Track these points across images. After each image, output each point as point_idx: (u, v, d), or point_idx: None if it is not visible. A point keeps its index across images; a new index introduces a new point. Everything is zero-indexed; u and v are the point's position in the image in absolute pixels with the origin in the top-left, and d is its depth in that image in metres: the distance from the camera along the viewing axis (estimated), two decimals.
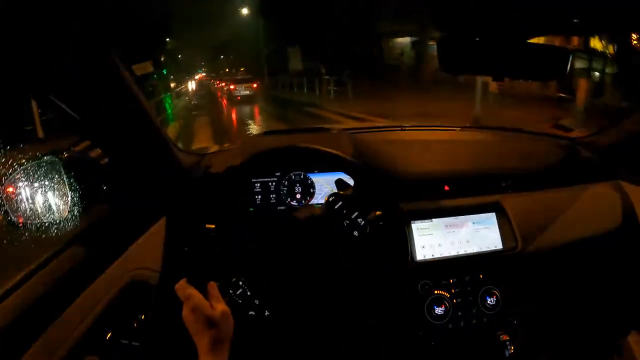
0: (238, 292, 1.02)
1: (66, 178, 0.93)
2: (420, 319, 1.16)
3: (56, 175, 0.93)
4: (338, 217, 1.05)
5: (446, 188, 1.28)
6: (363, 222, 1.05)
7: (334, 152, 1.14)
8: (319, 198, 1.29)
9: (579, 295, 1.26)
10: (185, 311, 0.80)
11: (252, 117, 12.83)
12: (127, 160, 1.03)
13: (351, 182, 1.21)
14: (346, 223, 1.05)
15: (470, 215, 1.25)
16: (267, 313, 1.05)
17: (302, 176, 1.28)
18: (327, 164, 1.25)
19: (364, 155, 1.25)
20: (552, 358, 1.21)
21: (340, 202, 1.04)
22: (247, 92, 15.88)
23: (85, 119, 0.86)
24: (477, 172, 1.33)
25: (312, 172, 1.28)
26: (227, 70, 45.27)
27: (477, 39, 0.95)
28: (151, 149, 1.06)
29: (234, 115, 13.59)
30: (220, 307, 0.82)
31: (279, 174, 1.27)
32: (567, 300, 1.25)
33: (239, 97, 15.78)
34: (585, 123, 6.41)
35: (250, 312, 0.96)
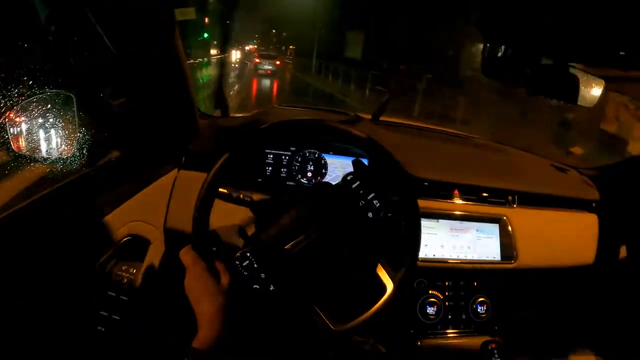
0: (245, 264, 0.99)
1: (78, 115, 0.87)
2: (412, 317, 1.17)
3: (69, 111, 0.87)
4: (354, 196, 1.01)
5: (456, 192, 1.27)
6: (379, 204, 1.01)
7: (360, 133, 1.11)
8: (330, 179, 1.26)
9: (567, 311, 1.29)
10: (188, 278, 0.75)
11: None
12: (148, 107, 0.98)
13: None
14: (362, 203, 1.01)
15: (475, 223, 1.25)
16: (272, 288, 1.02)
17: (316, 155, 1.25)
18: (347, 144, 1.22)
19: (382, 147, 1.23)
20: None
21: (358, 182, 1.02)
22: (270, 67, 18.43)
23: (121, 53, 0.80)
24: (488, 183, 1.33)
25: (327, 152, 1.25)
26: (277, 46, 42.60)
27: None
28: (175, 101, 1.01)
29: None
30: (226, 276, 0.79)
31: (293, 149, 1.24)
32: (557, 315, 1.28)
33: (261, 71, 18.31)
34: None
35: (255, 286, 0.93)
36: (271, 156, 1.23)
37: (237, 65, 20.32)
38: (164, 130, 1.04)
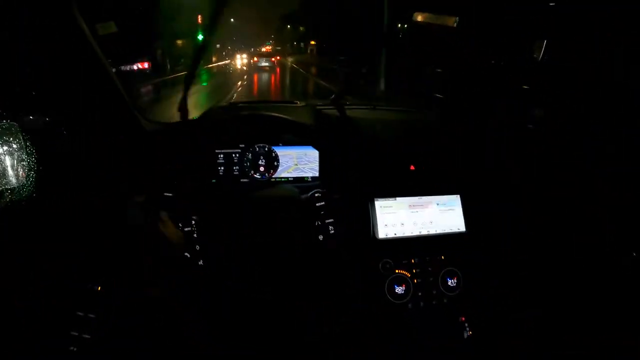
0: (186, 229, 1.05)
1: (24, 144, 0.89)
2: (381, 298, 1.14)
3: (14, 141, 0.88)
4: (313, 214, 1.14)
5: (412, 168, 1.26)
6: (333, 231, 1.13)
7: (301, 121, 1.12)
8: (282, 170, 1.26)
9: (537, 278, 1.26)
10: None
11: None
12: (85, 124, 0.99)
13: (316, 157, 1.20)
14: (318, 224, 1.12)
15: (435, 197, 1.24)
16: (200, 262, 1.07)
17: (266, 149, 1.25)
18: (293, 135, 1.24)
19: (330, 129, 1.24)
20: (510, 340, 1.20)
21: (323, 202, 1.13)
22: (267, 64, 21.16)
23: (45, 74, 0.83)
24: (442, 152, 1.32)
25: (277, 145, 1.25)
26: (294, 43, 37.73)
27: None
28: (111, 113, 1.03)
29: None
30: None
31: (243, 145, 1.24)
32: (526, 283, 1.24)
33: (260, 66, 21.11)
34: None
35: (186, 254, 0.95)
36: (221, 155, 1.23)
37: (245, 69, 21.26)
38: (106, 141, 1.05)
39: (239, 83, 13.80)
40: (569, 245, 1.25)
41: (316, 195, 1.12)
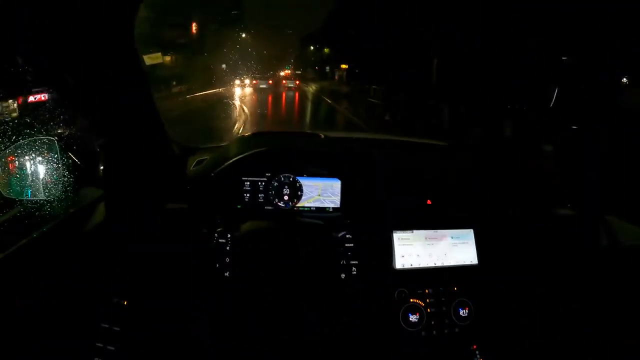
0: (220, 240, 1.14)
1: (62, 159, 0.95)
2: (395, 326, 1.20)
3: (52, 155, 0.95)
4: (340, 254, 1.21)
5: (429, 202, 1.33)
6: (355, 272, 1.21)
7: (325, 153, 1.20)
8: (305, 199, 1.33)
9: (549, 311, 1.31)
10: None
11: None
12: (126, 146, 1.06)
13: (339, 188, 1.27)
14: (343, 263, 1.20)
15: (450, 230, 1.30)
16: (227, 274, 1.16)
17: (291, 179, 1.32)
18: (317, 167, 1.31)
19: (354, 162, 1.31)
20: None
21: (352, 245, 1.21)
22: (264, 85, 21.47)
23: (96, 99, 0.90)
24: (458, 189, 1.39)
25: (301, 175, 1.32)
26: (316, 68, 33.36)
27: None
28: (150, 138, 1.10)
29: None
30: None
31: (269, 174, 1.31)
32: (538, 315, 1.30)
33: (259, 86, 21.21)
34: None
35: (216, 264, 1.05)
36: (248, 183, 1.30)
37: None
38: (143, 164, 1.12)
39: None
40: (579, 277, 1.31)
41: (347, 236, 1.19)
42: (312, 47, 38.36)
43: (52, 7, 0.73)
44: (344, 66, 24.76)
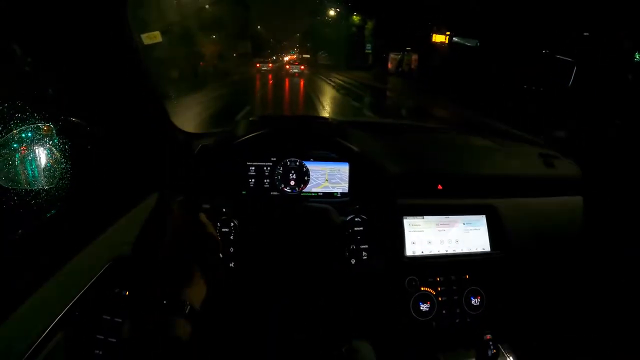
0: (224, 229, 1.08)
1: (58, 146, 0.91)
2: (406, 315, 1.17)
3: (49, 142, 0.91)
4: (349, 238, 1.17)
5: (439, 187, 1.28)
6: (365, 257, 1.17)
7: (335, 138, 1.14)
8: (312, 186, 1.28)
9: (561, 299, 1.28)
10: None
11: None
12: (123, 131, 1.01)
13: (347, 172, 1.22)
14: (352, 248, 1.16)
15: (462, 216, 1.26)
16: (232, 265, 1.13)
17: (297, 163, 1.27)
18: (325, 150, 1.26)
19: (362, 146, 1.25)
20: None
21: (362, 229, 1.17)
22: (266, 68, 27.33)
23: (89, 80, 0.85)
24: (470, 174, 1.33)
25: (308, 159, 1.27)
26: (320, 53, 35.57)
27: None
28: (150, 123, 1.05)
29: None
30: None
31: (274, 159, 1.26)
32: (551, 303, 1.26)
33: (261, 68, 27.49)
34: None
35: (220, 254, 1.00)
36: (253, 168, 1.25)
37: None
38: (142, 150, 1.07)
39: None
40: (594, 267, 1.27)
41: (356, 220, 1.15)
42: (331, 12, 25.61)
43: None
44: (440, 38, 12.37)
